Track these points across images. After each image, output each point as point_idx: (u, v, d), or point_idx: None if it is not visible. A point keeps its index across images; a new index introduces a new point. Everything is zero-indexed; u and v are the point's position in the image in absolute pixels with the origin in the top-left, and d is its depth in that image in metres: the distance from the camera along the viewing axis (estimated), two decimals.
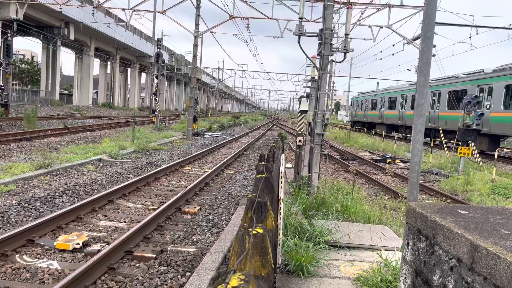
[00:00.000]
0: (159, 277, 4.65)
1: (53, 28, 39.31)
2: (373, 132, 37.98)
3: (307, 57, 8.64)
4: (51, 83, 43.19)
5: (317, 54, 8.59)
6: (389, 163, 17.64)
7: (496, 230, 1.89)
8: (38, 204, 7.20)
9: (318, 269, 4.28)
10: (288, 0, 20.49)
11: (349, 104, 58.17)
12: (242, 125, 45.69)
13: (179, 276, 4.73)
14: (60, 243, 5.31)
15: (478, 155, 16.46)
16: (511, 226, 1.99)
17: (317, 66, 8.30)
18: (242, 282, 0.82)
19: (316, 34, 8.34)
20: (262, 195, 1.87)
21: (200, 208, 7.92)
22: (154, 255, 5.21)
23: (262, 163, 3.24)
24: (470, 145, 14.88)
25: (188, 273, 4.80)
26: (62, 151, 13.28)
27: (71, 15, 36.30)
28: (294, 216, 5.59)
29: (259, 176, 2.48)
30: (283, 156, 6.29)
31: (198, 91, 73.52)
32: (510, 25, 19.77)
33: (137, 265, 5.02)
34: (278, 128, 45.32)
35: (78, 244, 5.33)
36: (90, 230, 6.20)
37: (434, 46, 19.15)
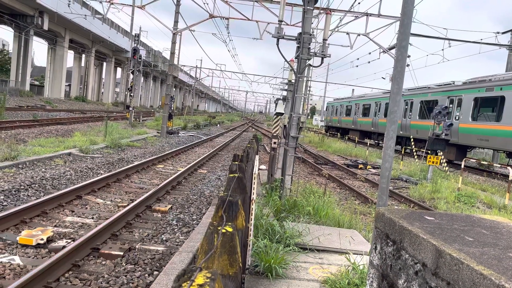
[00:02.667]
0: (125, 276, 4.56)
1: (26, 16, 38.05)
2: (347, 137, 38.56)
3: (285, 60, 8.69)
4: (22, 74, 41.74)
5: (295, 58, 8.65)
6: (360, 168, 17.94)
7: (460, 237, 1.94)
8: (2, 197, 6.93)
9: (287, 271, 4.29)
10: (268, 3, 20.58)
11: (325, 109, 58.87)
12: (218, 125, 45.51)
13: (146, 275, 4.65)
14: (23, 238, 5.13)
15: (446, 164, 16.97)
16: (475, 233, 2.05)
17: (295, 69, 8.35)
18: (208, 280, 0.80)
19: (294, 38, 8.40)
20: (234, 194, 1.85)
21: (171, 206, 7.82)
22: (122, 253, 5.10)
23: (236, 163, 3.23)
24: (438, 154, 15.32)
25: (156, 272, 4.73)
26: (30, 144, 12.85)
27: (46, 4, 35.28)
28: (266, 218, 5.60)
29: (232, 175, 2.47)
30: (257, 157, 6.30)
31: (174, 89, 72.82)
32: (481, 39, 20.48)
33: (103, 262, 4.91)
34: (253, 129, 45.38)
35: (42, 239, 5.16)
36: (55, 226, 6.02)
37: (409, 56, 19.65)
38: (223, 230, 1.17)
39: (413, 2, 3.22)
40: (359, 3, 19.66)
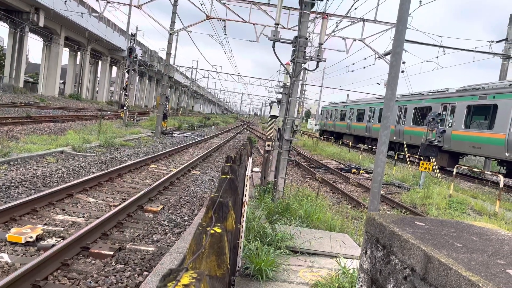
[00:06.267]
0: (115, 275, 4.53)
1: (22, 13, 37.79)
2: (341, 142, 38.66)
3: (281, 63, 8.70)
4: (16, 70, 41.43)
5: (291, 61, 8.67)
6: (354, 173, 18.00)
7: (450, 243, 1.94)
8: None
9: (278, 273, 4.28)
10: (266, 6, 20.61)
11: (319, 113, 59.02)
12: (213, 126, 45.46)
13: (136, 275, 4.62)
14: (12, 235, 5.08)
15: (438, 171, 17.06)
16: (464, 240, 2.06)
17: (290, 72, 8.37)
18: (194, 280, 0.80)
19: (290, 41, 8.42)
20: (224, 195, 1.85)
21: (163, 207, 7.79)
22: (112, 253, 5.07)
23: (228, 164, 3.22)
24: (431, 160, 15.41)
25: (145, 273, 4.70)
26: (22, 141, 12.75)
27: (42, 1, 35.07)
28: (258, 220, 5.59)
29: (223, 177, 2.46)
30: (250, 159, 6.30)
31: (169, 89, 72.63)
32: (475, 48, 20.66)
33: (93, 262, 4.87)
34: (248, 131, 45.37)
35: (31, 237, 5.12)
36: (45, 224, 5.97)
37: (404, 62, 19.76)
38: (212, 231, 1.16)
39: (408, 10, 3.24)
40: (355, 8, 19.77)
